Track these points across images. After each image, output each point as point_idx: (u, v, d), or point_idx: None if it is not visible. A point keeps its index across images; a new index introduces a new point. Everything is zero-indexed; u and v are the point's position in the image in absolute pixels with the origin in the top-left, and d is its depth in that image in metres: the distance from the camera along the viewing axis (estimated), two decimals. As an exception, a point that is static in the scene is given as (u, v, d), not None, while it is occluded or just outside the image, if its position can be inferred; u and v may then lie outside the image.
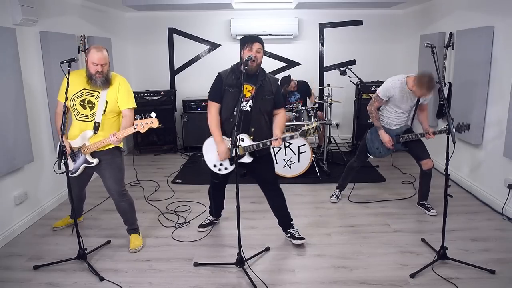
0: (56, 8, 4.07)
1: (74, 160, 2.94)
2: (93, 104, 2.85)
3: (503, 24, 3.60)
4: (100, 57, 2.74)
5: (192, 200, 4.10)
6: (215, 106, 2.90)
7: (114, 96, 2.88)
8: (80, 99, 2.85)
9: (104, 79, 2.80)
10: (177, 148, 6.08)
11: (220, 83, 2.87)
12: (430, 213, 3.59)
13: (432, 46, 2.74)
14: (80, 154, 2.91)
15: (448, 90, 4.46)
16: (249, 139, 2.83)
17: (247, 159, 2.86)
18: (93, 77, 2.78)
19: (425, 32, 5.21)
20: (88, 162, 2.91)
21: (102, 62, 2.76)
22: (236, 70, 2.85)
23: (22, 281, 2.68)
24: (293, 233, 3.12)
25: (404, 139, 3.46)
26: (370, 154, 3.67)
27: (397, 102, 3.40)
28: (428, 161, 3.48)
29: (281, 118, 2.96)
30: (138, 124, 2.73)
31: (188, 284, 2.64)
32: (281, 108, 2.99)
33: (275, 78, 3.03)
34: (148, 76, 6.33)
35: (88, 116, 2.86)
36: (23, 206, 3.47)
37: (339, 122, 6.50)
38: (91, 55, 2.74)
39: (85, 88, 2.85)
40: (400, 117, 3.50)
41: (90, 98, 2.85)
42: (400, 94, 3.34)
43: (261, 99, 2.83)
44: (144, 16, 6.18)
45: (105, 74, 2.80)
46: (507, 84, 3.50)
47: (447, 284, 2.56)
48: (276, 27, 6.03)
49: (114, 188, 3.00)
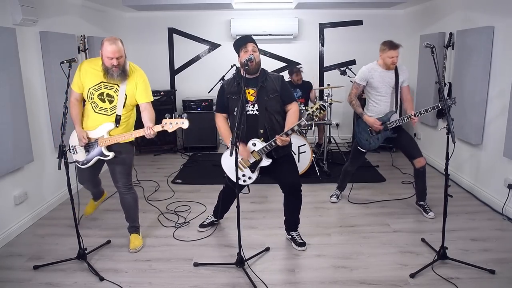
0: (56, 8, 4.07)
1: (88, 151, 2.90)
2: (112, 98, 2.79)
3: (503, 24, 3.60)
4: (114, 50, 2.63)
5: (192, 200, 4.10)
6: (220, 116, 2.97)
7: (133, 90, 2.83)
8: (98, 92, 2.78)
9: (121, 72, 2.71)
10: (177, 148, 6.07)
11: (222, 93, 2.92)
12: (428, 215, 3.56)
13: (432, 46, 2.74)
14: (95, 146, 2.86)
15: (448, 90, 4.47)
16: (260, 142, 2.78)
17: (266, 162, 2.81)
18: (109, 70, 2.69)
19: (425, 32, 5.21)
20: (103, 154, 2.86)
21: (117, 55, 2.65)
22: (238, 76, 2.86)
23: (22, 281, 2.68)
24: (294, 237, 3.12)
25: (391, 125, 3.44)
26: (362, 148, 3.61)
27: (375, 84, 3.42)
28: (421, 159, 3.48)
29: (292, 114, 2.86)
30: (167, 122, 2.65)
31: (188, 284, 2.64)
32: (292, 103, 2.88)
33: (278, 75, 2.94)
34: (148, 76, 6.22)
35: (107, 109, 2.81)
36: (23, 206, 3.47)
37: (339, 122, 6.50)
38: (105, 49, 2.63)
39: (103, 81, 2.77)
40: (383, 102, 3.46)
41: (109, 92, 2.78)
42: (375, 74, 3.42)
43: (265, 99, 2.80)
44: (144, 16, 6.19)
45: (121, 66, 2.71)
46: (507, 84, 3.50)
47: (447, 284, 2.55)
48: (276, 27, 6.03)
49: (122, 181, 2.98)
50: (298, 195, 3.04)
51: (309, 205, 3.91)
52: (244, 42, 2.79)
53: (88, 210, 3.50)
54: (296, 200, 3.06)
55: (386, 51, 3.34)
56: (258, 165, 2.83)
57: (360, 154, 3.70)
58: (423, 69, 5.14)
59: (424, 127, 5.44)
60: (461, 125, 4.11)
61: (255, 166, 2.83)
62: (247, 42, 2.78)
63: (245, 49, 2.76)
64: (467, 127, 4.07)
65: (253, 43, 2.80)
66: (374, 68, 3.47)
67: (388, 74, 3.44)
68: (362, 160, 3.78)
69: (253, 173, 2.86)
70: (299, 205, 3.09)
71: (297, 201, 3.06)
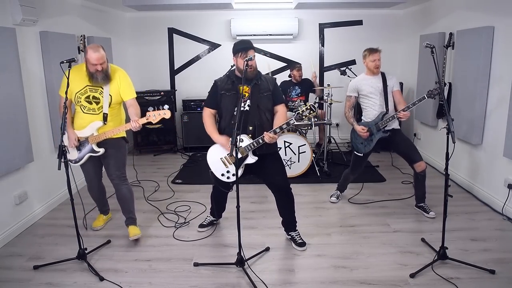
0: (56, 8, 4.07)
1: (79, 150, 3.06)
2: (98, 99, 3.01)
3: (503, 24, 3.60)
4: (98, 57, 2.84)
5: (192, 200, 4.10)
6: (208, 111, 3.01)
7: (117, 90, 3.04)
8: (84, 96, 2.98)
9: (104, 75, 2.93)
10: (177, 148, 6.07)
11: (216, 89, 2.95)
12: (429, 215, 3.56)
13: (432, 46, 2.74)
14: (86, 144, 3.04)
15: (448, 90, 4.46)
16: (248, 139, 2.82)
17: (251, 159, 2.84)
18: (94, 75, 2.90)
19: (425, 32, 5.21)
20: (94, 151, 3.04)
21: (101, 62, 2.86)
22: (232, 75, 2.90)
23: (22, 281, 2.68)
24: (294, 237, 3.12)
25: (382, 124, 3.49)
26: (358, 152, 3.66)
27: (365, 91, 3.57)
28: (421, 163, 3.49)
29: (280, 116, 2.94)
30: (150, 115, 2.91)
31: (188, 284, 2.64)
32: (280, 104, 2.97)
33: (272, 77, 3.05)
34: (148, 76, 6.34)
35: (95, 109, 3.02)
36: (23, 206, 3.47)
37: (339, 122, 6.50)
38: (89, 56, 2.84)
39: (87, 84, 2.97)
40: (377, 106, 3.54)
41: (94, 94, 3.00)
42: (363, 83, 3.57)
43: (258, 96, 2.85)
44: (144, 16, 6.19)
45: (104, 70, 2.92)
46: (507, 84, 3.50)
47: (447, 284, 2.55)
48: (276, 27, 6.03)
49: (116, 173, 3.13)
50: (288, 194, 3.04)
51: (309, 205, 3.92)
52: (245, 48, 2.79)
53: (96, 223, 3.50)
54: (287, 200, 3.06)
55: (368, 56, 3.52)
56: (243, 162, 2.84)
57: (360, 161, 3.71)
58: (423, 69, 5.14)
59: (424, 127, 5.44)
60: (461, 125, 4.11)
61: (240, 162, 2.83)
62: (249, 49, 2.79)
63: (244, 54, 2.77)
64: (467, 127, 4.07)
65: (254, 50, 2.82)
66: (361, 78, 3.63)
67: (375, 79, 3.56)
68: (362, 167, 3.80)
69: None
70: (292, 204, 3.09)
71: (289, 200, 3.07)
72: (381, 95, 3.53)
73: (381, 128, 3.50)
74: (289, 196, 3.05)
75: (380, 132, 3.52)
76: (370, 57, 3.49)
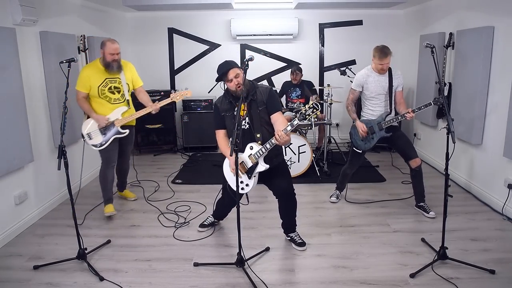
0: (56, 8, 4.07)
1: (104, 134, 3.46)
2: (119, 88, 3.51)
3: (503, 24, 3.60)
4: (116, 47, 3.35)
5: (192, 200, 4.10)
6: (220, 132, 3.01)
7: (130, 78, 3.61)
8: (107, 88, 3.43)
9: (118, 64, 3.43)
10: (177, 148, 6.07)
11: (217, 112, 2.95)
12: (429, 215, 3.56)
13: (432, 46, 2.74)
14: (112, 127, 3.48)
15: (448, 90, 4.46)
16: (257, 145, 2.78)
17: (262, 167, 2.79)
18: (110, 64, 3.36)
19: (425, 32, 5.21)
20: (120, 132, 3.51)
21: (118, 51, 3.38)
22: (228, 95, 2.87)
23: (22, 281, 2.68)
24: (294, 237, 3.12)
25: (385, 124, 3.50)
26: (357, 148, 3.67)
27: (370, 88, 3.53)
28: (416, 159, 3.51)
29: (280, 123, 2.78)
30: (173, 96, 3.59)
31: (188, 284, 2.64)
32: (277, 113, 2.82)
33: (267, 87, 2.89)
34: (148, 76, 6.31)
35: (119, 98, 3.53)
36: (23, 206, 3.47)
37: (339, 122, 6.50)
38: (108, 47, 3.31)
39: (106, 77, 3.41)
40: (377, 104, 3.55)
41: (114, 84, 3.47)
42: (370, 79, 3.53)
43: (257, 111, 2.81)
44: (144, 16, 6.19)
45: (119, 60, 3.42)
46: (507, 84, 3.50)
47: (447, 284, 2.55)
48: (276, 27, 6.03)
49: (128, 155, 3.87)
50: (293, 198, 3.04)
51: (309, 205, 3.92)
52: (225, 71, 2.72)
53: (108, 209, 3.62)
54: (291, 204, 3.07)
55: (376, 59, 3.45)
56: (254, 170, 2.82)
57: (357, 156, 3.72)
58: (423, 69, 5.14)
59: (424, 127, 5.44)
60: (461, 125, 4.11)
61: (251, 171, 2.82)
62: (228, 70, 2.72)
63: (227, 79, 2.74)
64: (467, 127, 4.07)
65: (235, 68, 2.73)
66: (368, 74, 3.57)
67: (382, 78, 3.54)
68: (360, 162, 3.80)
69: (250, 179, 2.85)
70: (294, 207, 3.09)
71: (293, 204, 3.07)
72: (387, 94, 3.53)
73: (383, 127, 3.51)
74: (293, 201, 3.05)
75: (382, 132, 3.53)
76: (379, 61, 3.43)
